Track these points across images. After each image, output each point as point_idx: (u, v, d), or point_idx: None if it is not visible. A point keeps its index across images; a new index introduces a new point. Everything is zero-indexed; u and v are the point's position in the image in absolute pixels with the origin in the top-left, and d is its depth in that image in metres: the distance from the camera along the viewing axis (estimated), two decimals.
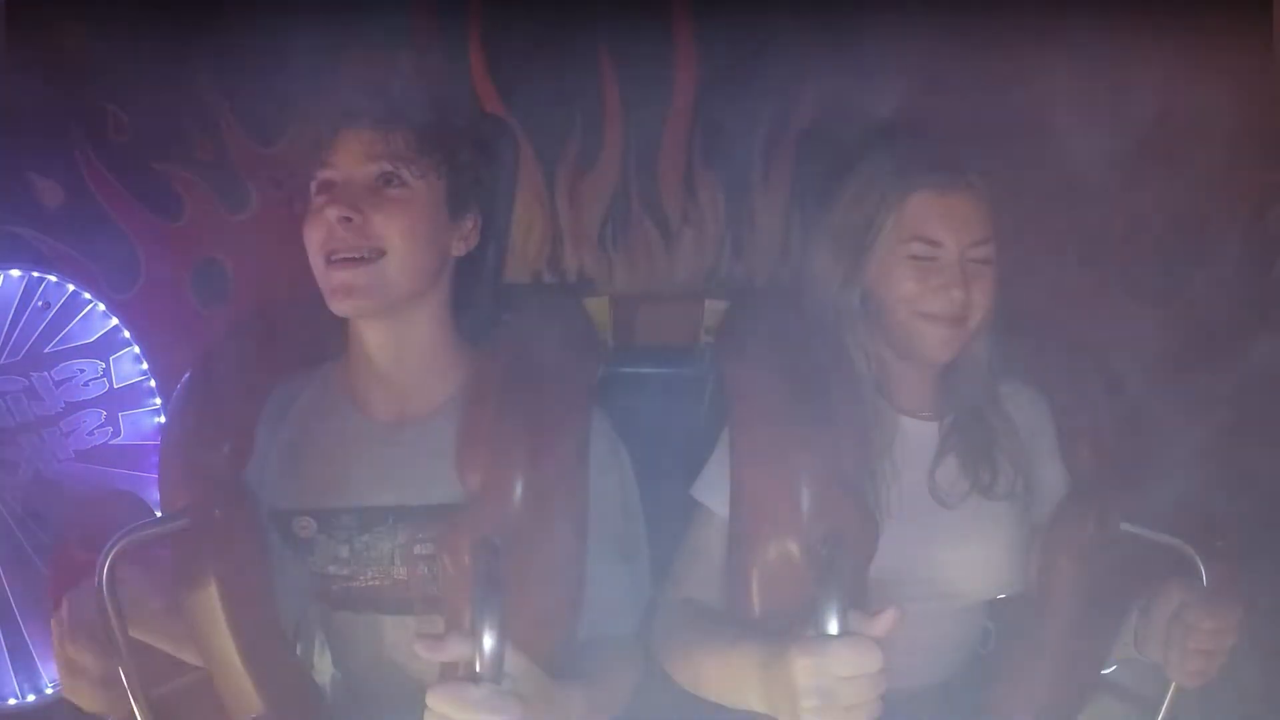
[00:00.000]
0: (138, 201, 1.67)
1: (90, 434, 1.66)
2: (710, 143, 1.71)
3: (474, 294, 1.32)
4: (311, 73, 1.51)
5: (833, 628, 0.93)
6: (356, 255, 1.12)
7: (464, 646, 0.94)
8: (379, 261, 1.12)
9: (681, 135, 1.70)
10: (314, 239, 1.13)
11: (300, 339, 1.29)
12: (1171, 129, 1.70)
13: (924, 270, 1.18)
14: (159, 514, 1.24)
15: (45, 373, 1.63)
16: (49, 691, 1.64)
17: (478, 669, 0.92)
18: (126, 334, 1.67)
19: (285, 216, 1.16)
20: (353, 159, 1.13)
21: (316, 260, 1.14)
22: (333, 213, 1.11)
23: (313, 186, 1.16)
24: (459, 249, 1.22)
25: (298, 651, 1.27)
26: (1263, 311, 1.70)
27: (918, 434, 1.26)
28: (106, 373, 1.66)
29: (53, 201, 1.65)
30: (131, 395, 1.67)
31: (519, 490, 1.10)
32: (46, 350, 1.63)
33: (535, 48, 1.66)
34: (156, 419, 1.68)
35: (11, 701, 1.63)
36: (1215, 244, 1.75)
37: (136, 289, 1.66)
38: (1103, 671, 1.25)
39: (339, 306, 1.13)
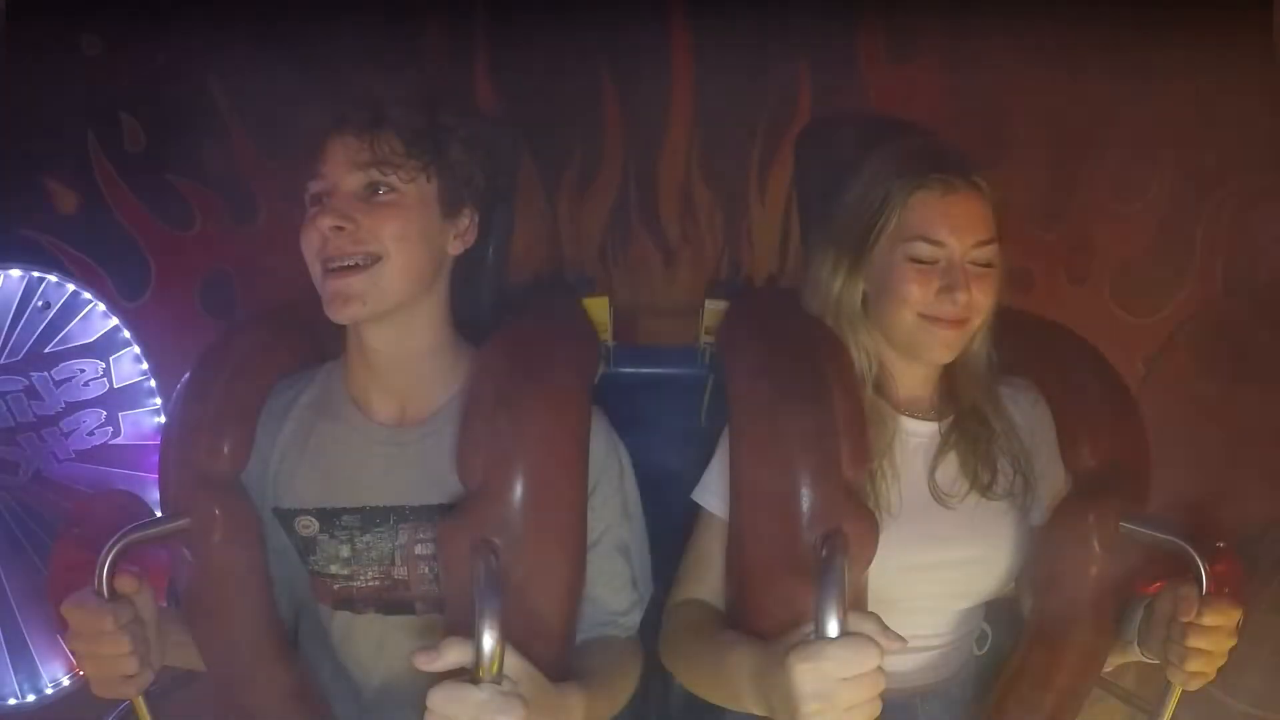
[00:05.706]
0: (150, 211, 1.68)
1: (90, 434, 1.66)
2: (708, 159, 1.72)
3: (474, 294, 1.32)
4: (315, 81, 1.52)
5: (833, 629, 0.92)
6: (352, 262, 1.12)
7: (462, 654, 0.94)
8: (375, 267, 1.12)
9: (679, 152, 1.71)
10: (310, 248, 1.14)
11: (300, 339, 1.29)
12: (1170, 128, 1.71)
13: (927, 272, 1.17)
14: (159, 514, 1.24)
15: (45, 373, 1.63)
16: (49, 691, 1.64)
17: (478, 670, 0.92)
18: (126, 334, 1.67)
19: (290, 228, 1.17)
20: (341, 168, 1.14)
21: (314, 269, 1.14)
22: (325, 222, 1.12)
23: (307, 197, 1.17)
24: (456, 248, 1.21)
25: (298, 651, 1.27)
26: (1260, 311, 1.71)
27: (918, 434, 1.25)
28: (106, 373, 1.66)
29: (67, 208, 1.67)
30: (131, 395, 1.68)
31: (519, 490, 1.10)
32: (46, 350, 1.63)
33: (538, 65, 1.67)
34: (156, 419, 1.68)
35: (11, 701, 1.63)
36: (1213, 243, 1.75)
37: (146, 297, 1.67)
38: (1102, 671, 1.25)
39: (338, 314, 1.13)
